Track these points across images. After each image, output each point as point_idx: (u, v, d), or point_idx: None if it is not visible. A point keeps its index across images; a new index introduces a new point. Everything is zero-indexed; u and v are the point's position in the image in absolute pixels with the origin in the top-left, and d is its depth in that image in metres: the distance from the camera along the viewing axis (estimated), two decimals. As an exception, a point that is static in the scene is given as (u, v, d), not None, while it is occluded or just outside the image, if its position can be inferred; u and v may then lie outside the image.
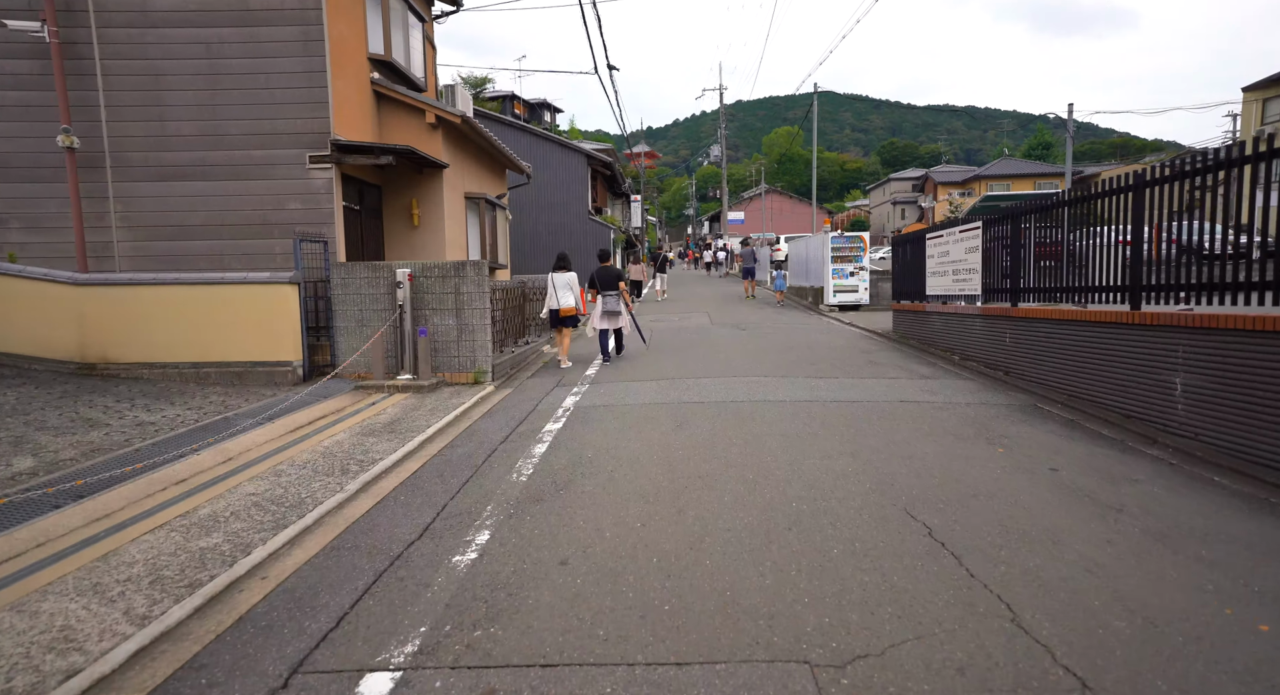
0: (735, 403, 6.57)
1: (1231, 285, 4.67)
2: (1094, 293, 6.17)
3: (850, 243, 17.13)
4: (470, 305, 8.18)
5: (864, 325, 13.52)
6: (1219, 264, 4.79)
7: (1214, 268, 4.87)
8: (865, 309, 17.00)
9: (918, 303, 10.61)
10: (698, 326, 13.98)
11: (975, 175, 54.63)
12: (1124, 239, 5.78)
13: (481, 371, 8.23)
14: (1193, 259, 5.12)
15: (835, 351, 9.99)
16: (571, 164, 25.85)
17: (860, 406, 6.30)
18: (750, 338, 11.79)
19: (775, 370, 8.38)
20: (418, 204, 9.65)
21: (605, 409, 6.56)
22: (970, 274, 8.54)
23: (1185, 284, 5.12)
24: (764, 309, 18.18)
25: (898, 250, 11.78)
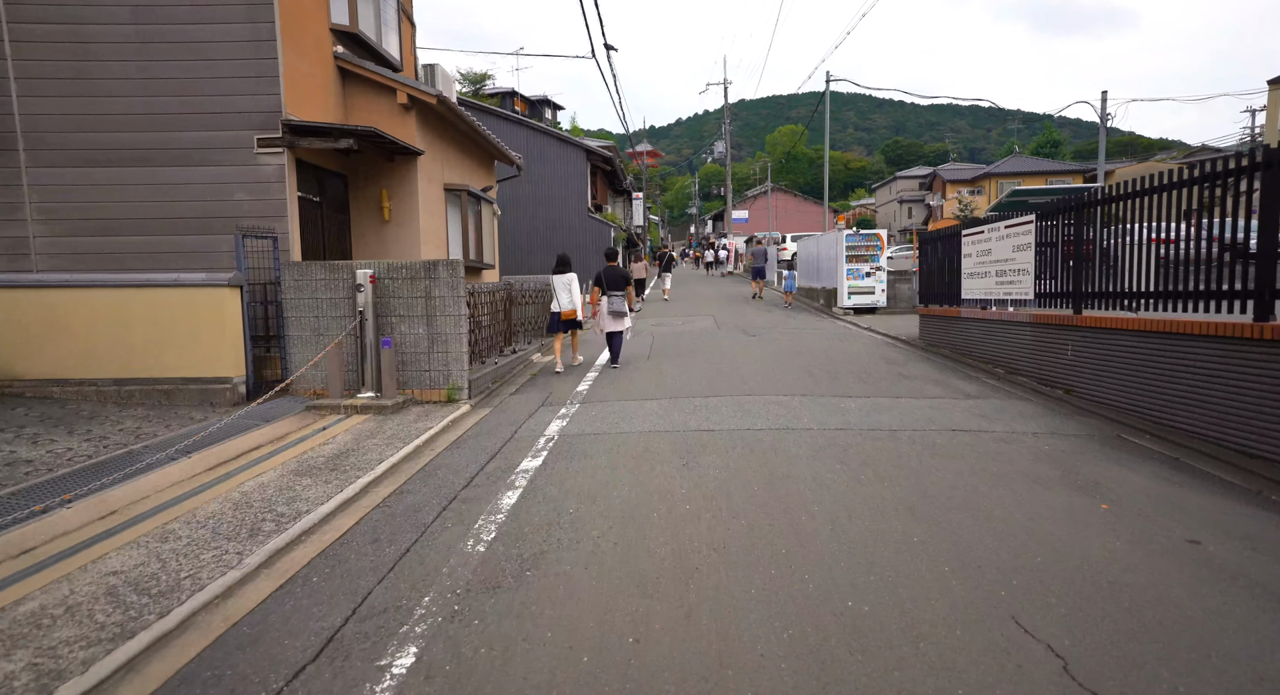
0: (752, 431, 5.47)
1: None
2: (1196, 299, 5.05)
3: (866, 241, 16.01)
4: (443, 311, 7.10)
5: (884, 330, 12.41)
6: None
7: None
8: (882, 312, 15.89)
9: (950, 307, 9.50)
10: (703, 331, 12.88)
11: (985, 173, 53.43)
12: (1239, 233, 4.67)
13: (456, 388, 7.14)
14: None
15: (858, 362, 8.88)
16: (570, 159, 24.77)
17: (904, 437, 5.19)
18: (761, 345, 10.68)
19: (794, 386, 7.28)
20: (388, 196, 8.56)
21: (596, 438, 5.46)
22: (1019, 275, 7.43)
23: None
24: (773, 311, 17.08)
25: (926, 249, 10.67)
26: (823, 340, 11.26)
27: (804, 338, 11.59)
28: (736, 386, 7.34)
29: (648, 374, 8.36)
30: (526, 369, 9.36)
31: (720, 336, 11.96)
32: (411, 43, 10.50)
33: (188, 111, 7.02)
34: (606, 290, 9.14)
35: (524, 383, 8.32)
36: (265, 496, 4.26)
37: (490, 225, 11.45)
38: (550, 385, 7.99)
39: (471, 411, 6.85)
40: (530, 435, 5.68)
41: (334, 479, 4.59)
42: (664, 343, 11.36)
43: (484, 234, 10.96)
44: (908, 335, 11.38)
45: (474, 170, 11.18)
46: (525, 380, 8.50)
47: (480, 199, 10.67)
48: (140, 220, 7.14)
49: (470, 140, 10.86)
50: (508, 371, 8.82)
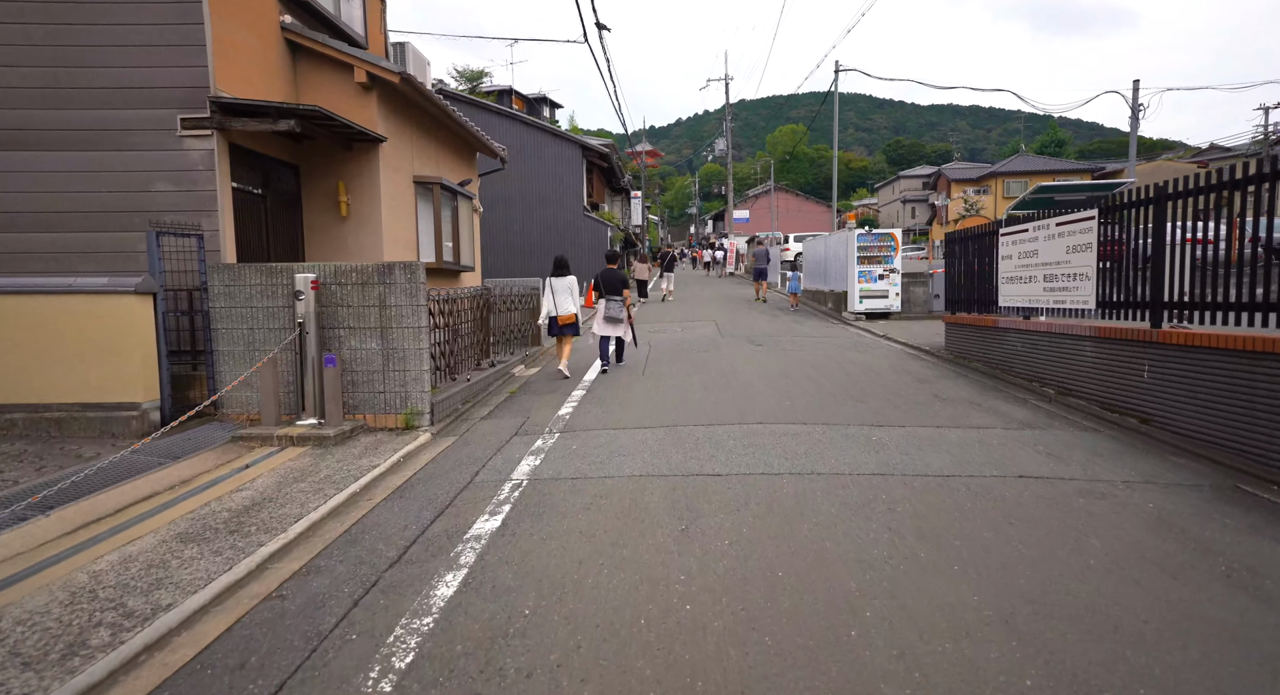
0: (768, 477, 4.39)
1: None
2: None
3: (879, 242, 14.94)
4: (400, 322, 6.02)
5: (902, 339, 11.33)
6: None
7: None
8: (896, 317, 14.82)
9: (984, 315, 8.42)
10: (705, 339, 11.80)
11: (991, 172, 52.42)
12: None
13: (415, 413, 6.06)
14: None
15: (882, 379, 7.80)
16: (565, 156, 23.71)
17: (961, 488, 4.11)
18: (769, 356, 9.61)
19: (812, 410, 6.20)
20: (345, 189, 7.49)
21: (573, 486, 4.38)
22: (1075, 280, 6.35)
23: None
24: (778, 316, 16.00)
25: (954, 249, 9.59)
26: (837, 350, 10.18)
27: (816, 347, 10.51)
28: (744, 410, 6.26)
29: (642, 393, 7.29)
30: (506, 385, 8.29)
31: (724, 346, 10.88)
32: (381, 19, 9.44)
33: (98, 86, 5.94)
34: (604, 294, 8.76)
35: (500, 403, 7.24)
36: (123, 579, 3.18)
37: (470, 223, 10.39)
38: (530, 407, 6.91)
39: (432, 442, 5.78)
40: (494, 479, 4.60)
41: (229, 548, 3.51)
42: (661, 353, 10.28)
43: (462, 233, 9.90)
44: (930, 345, 10.30)
45: (450, 162, 10.10)
46: (502, 399, 7.42)
47: (457, 194, 9.60)
48: (44, 214, 6.06)
49: (445, 129, 9.78)
50: (484, 389, 7.74)
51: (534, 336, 11.38)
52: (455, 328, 7.49)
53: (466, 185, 10.09)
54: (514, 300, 10.19)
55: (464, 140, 10.67)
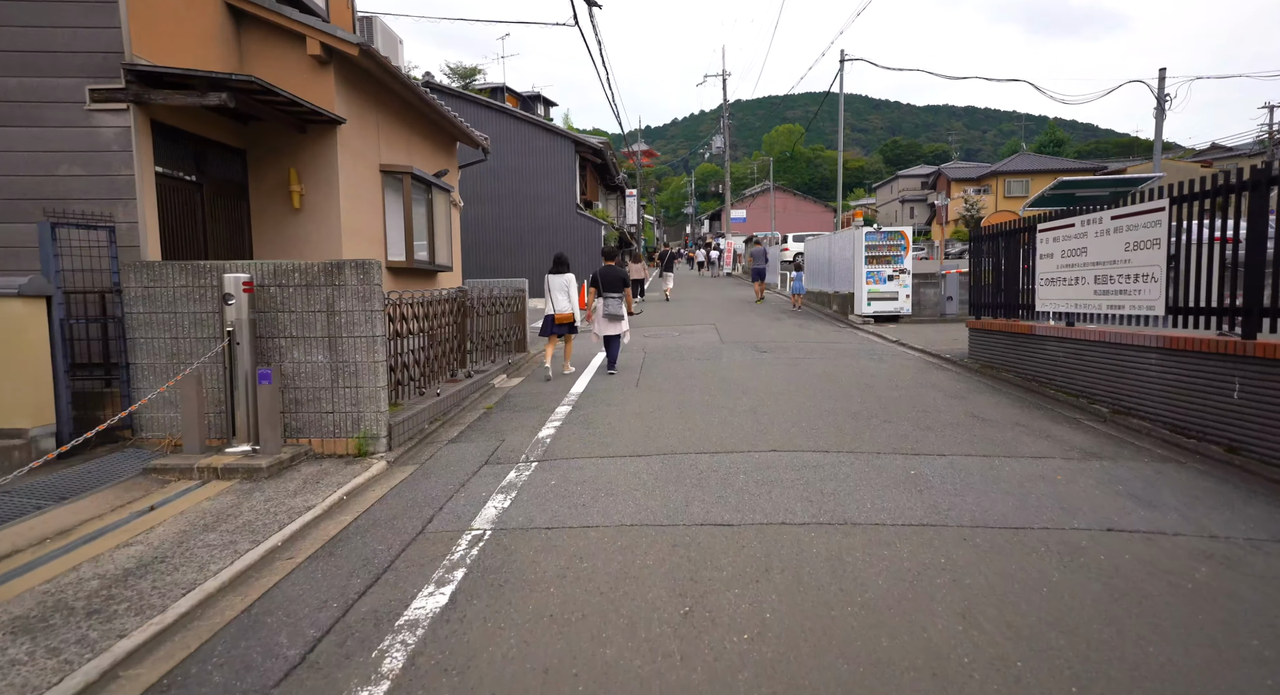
0: (790, 529, 3.50)
1: None
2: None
3: (888, 240, 14.08)
4: (351, 331, 5.12)
5: (918, 345, 10.47)
6: None
7: None
8: (906, 320, 13.96)
9: (1018, 320, 7.56)
10: (705, 345, 10.91)
11: (992, 171, 51.76)
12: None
13: (369, 436, 5.16)
14: None
15: (907, 393, 6.93)
16: (557, 151, 22.82)
17: (1038, 546, 3.23)
18: (777, 366, 8.72)
19: (834, 433, 5.32)
20: (298, 177, 6.57)
21: (548, 539, 3.49)
22: (1137, 282, 5.48)
23: None
24: (781, 319, 15.12)
25: (979, 248, 8.72)
26: (850, 358, 9.30)
27: (826, 355, 9.63)
28: (754, 433, 5.37)
29: (635, 410, 6.39)
30: (484, 398, 7.38)
31: (726, 353, 9.99)
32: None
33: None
34: (603, 292, 8.52)
35: (474, 421, 6.33)
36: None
37: (448, 219, 9.48)
38: (506, 427, 6.00)
39: (386, 472, 4.87)
40: (451, 528, 3.70)
41: (75, 642, 2.61)
42: (658, 361, 9.38)
43: (438, 229, 8.99)
44: (951, 352, 9.43)
45: (424, 151, 9.19)
46: (476, 417, 6.51)
47: (432, 186, 8.69)
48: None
49: (418, 114, 8.86)
50: (457, 404, 6.83)
51: (518, 342, 10.48)
52: (431, 334, 6.59)
53: (443, 176, 9.17)
54: (496, 303, 9.28)
55: (440, 128, 9.74)
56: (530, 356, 10.53)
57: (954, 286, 14.01)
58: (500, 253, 22.80)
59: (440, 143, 9.92)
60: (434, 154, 9.58)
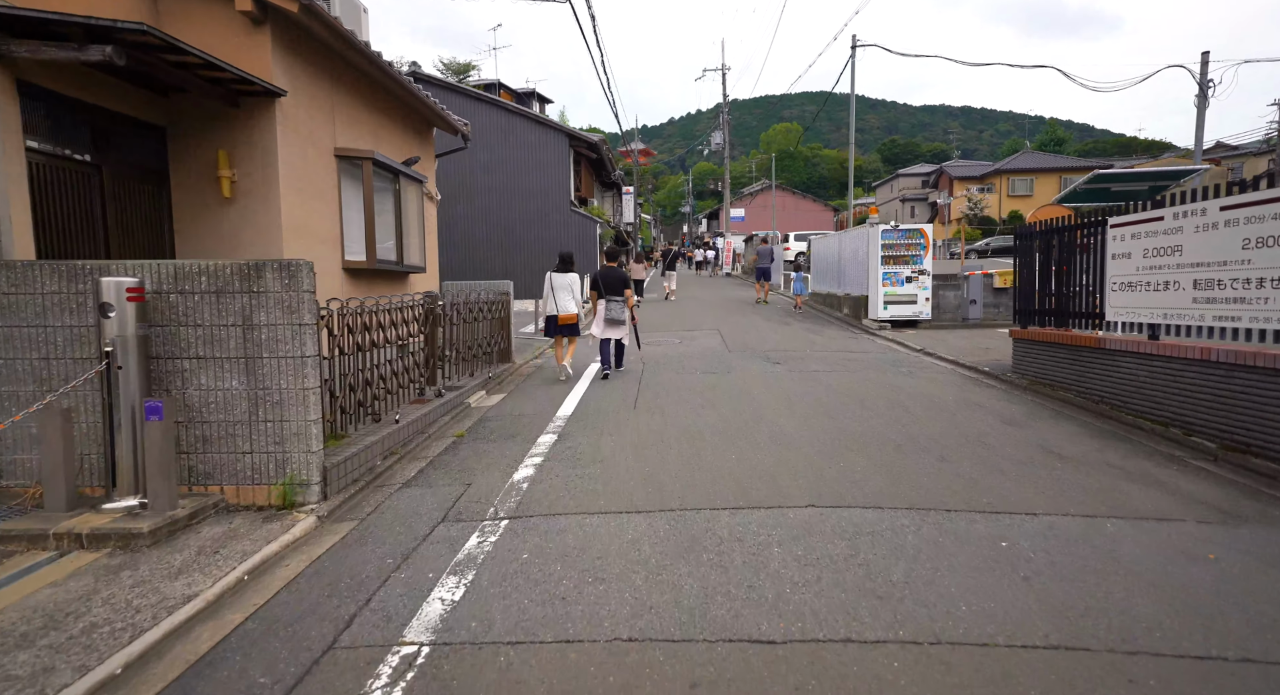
0: (862, 653, 2.39)
1: None
2: None
3: (907, 239, 13.02)
4: (275, 349, 4.03)
5: (946, 354, 9.39)
6: None
7: None
8: (925, 326, 12.89)
9: (1079, 331, 6.49)
10: (710, 355, 9.82)
11: (996, 169, 50.84)
12: None
13: (296, 483, 4.06)
14: None
15: (955, 418, 5.85)
16: (550, 145, 21.71)
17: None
18: (796, 381, 7.64)
19: (884, 478, 4.23)
20: (229, 160, 5.46)
21: (508, 668, 2.38)
22: (1262, 288, 4.41)
23: None
24: (789, 323, 14.04)
25: (1027, 246, 7.65)
26: (874, 371, 8.22)
27: (848, 367, 8.54)
28: (783, 478, 4.28)
29: (634, 442, 5.29)
30: (457, 421, 6.28)
31: (735, 364, 8.90)
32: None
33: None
34: (605, 294, 8.26)
35: (439, 454, 5.24)
36: None
37: (420, 213, 8.35)
38: (476, 464, 4.90)
39: (314, 533, 3.77)
40: (374, 640, 2.60)
41: None
42: (659, 373, 8.29)
43: (409, 225, 7.88)
44: (989, 364, 8.37)
45: (392, 135, 8.06)
46: (444, 448, 5.42)
47: (401, 175, 7.58)
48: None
49: (384, 92, 7.74)
50: (422, 430, 5.72)
51: (502, 352, 9.38)
52: (398, 347, 5.49)
53: (414, 164, 8.05)
54: (477, 309, 8.18)
55: (413, 110, 8.62)
56: (516, 367, 9.44)
57: (978, 289, 12.97)
58: (490, 252, 21.70)
59: (412, 127, 8.80)
60: (404, 140, 8.46)
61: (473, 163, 21.54)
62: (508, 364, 9.38)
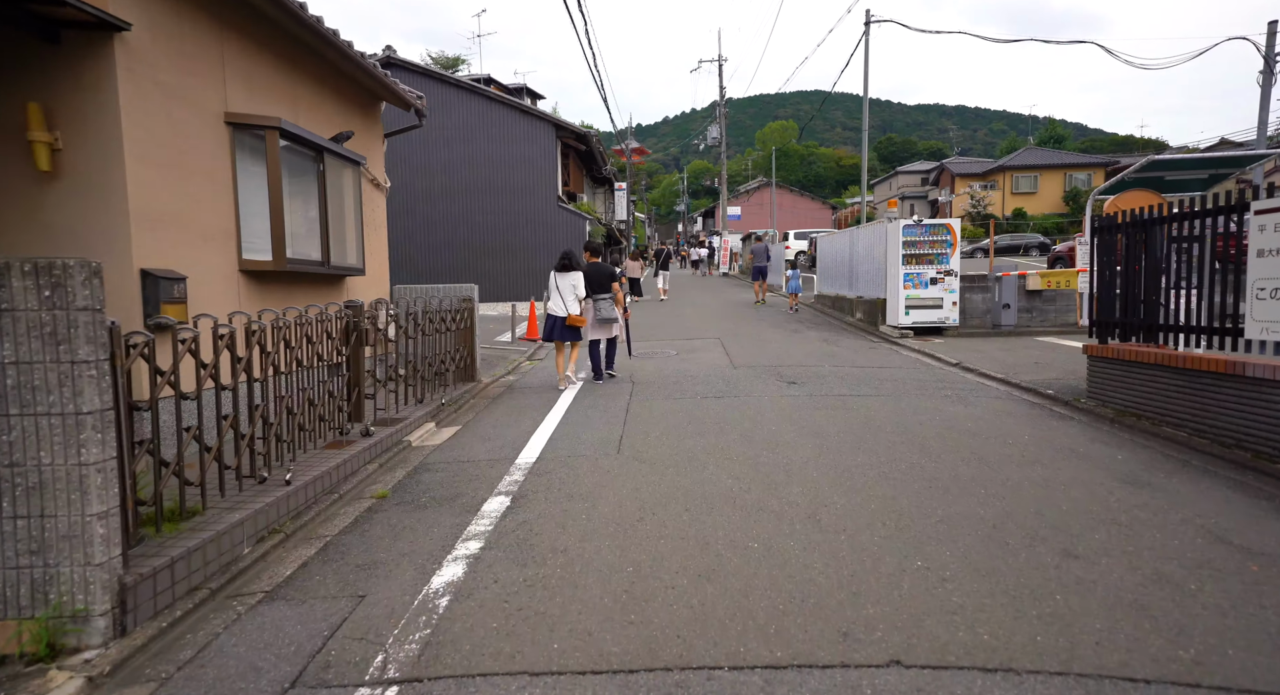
0: None
1: None
2: None
3: (931, 235, 11.54)
4: (29, 403, 2.50)
5: (992, 371, 7.89)
6: None
7: None
8: (951, 332, 11.42)
9: (1202, 351, 5.01)
10: (712, 372, 8.30)
11: (999, 166, 49.55)
12: None
13: (69, 616, 2.52)
14: None
15: (1052, 476, 4.33)
16: (535, 136, 20.16)
17: None
18: (822, 411, 6.13)
19: (991, 600, 2.71)
20: (44, 119, 3.91)
21: None
22: None
23: None
24: (799, 331, 12.52)
25: (1107, 242, 6.15)
26: (916, 395, 6.71)
27: (881, 389, 7.03)
28: (840, 603, 2.75)
29: (613, 517, 3.75)
30: (384, 472, 4.75)
31: (743, 386, 7.38)
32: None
33: None
34: (591, 293, 7.89)
35: (338, 534, 3.70)
36: None
37: (356, 201, 6.78)
38: (382, 557, 3.36)
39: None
40: None
41: None
42: (651, 401, 6.76)
43: (341, 216, 6.34)
44: (1052, 384, 6.88)
45: (316, 104, 6.48)
46: (350, 520, 3.88)
47: (326, 153, 6.02)
48: None
49: (305, 50, 6.14)
50: (327, 491, 4.18)
51: (464, 369, 7.86)
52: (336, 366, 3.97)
53: (346, 141, 6.48)
54: (432, 319, 6.65)
55: (348, 77, 7.03)
56: (481, 387, 7.91)
57: (1012, 292, 11.50)
58: (470, 252, 20.15)
59: (349, 98, 7.24)
60: (336, 111, 6.89)
61: (451, 156, 20.00)
62: (471, 384, 7.85)
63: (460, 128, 19.96)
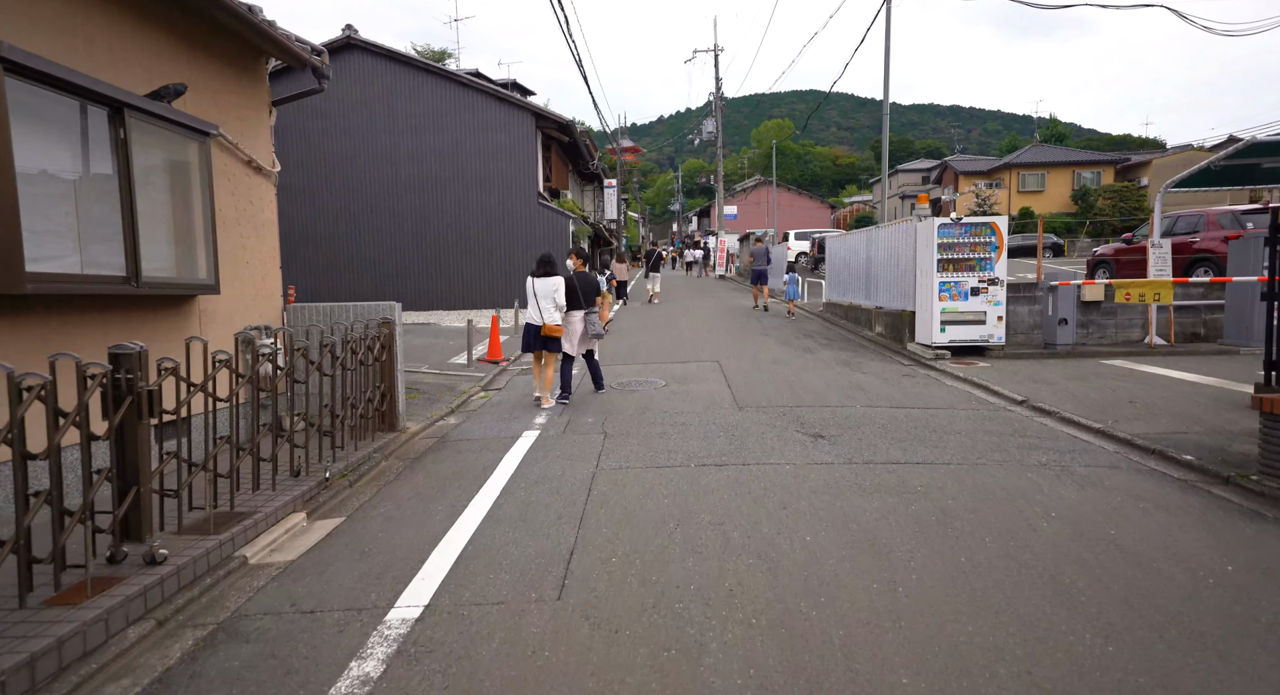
0: None
1: None
2: None
3: (972, 236, 9.61)
4: None
5: (1085, 416, 5.93)
6: None
7: None
8: (996, 353, 9.49)
9: None
10: (708, 414, 6.32)
11: (1005, 163, 47.83)
12: None
13: None
14: None
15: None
16: (512, 125, 18.15)
17: None
18: (868, 494, 4.16)
19: None
20: None
21: None
22: None
23: None
24: (812, 349, 10.54)
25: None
26: (1003, 467, 4.74)
27: (946, 453, 5.06)
28: None
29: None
30: (160, 639, 2.73)
31: (751, 442, 5.40)
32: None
33: None
34: (582, 304, 7.12)
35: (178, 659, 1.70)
36: None
37: (203, 189, 4.73)
38: None
39: None
40: None
41: None
42: (623, 472, 4.77)
43: (173, 211, 4.35)
44: (1187, 443, 4.95)
45: (134, 45, 4.47)
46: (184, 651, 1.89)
47: (131, 113, 4.02)
48: None
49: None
50: None
51: (386, 414, 5.90)
52: None
53: (174, 98, 4.44)
54: (339, 352, 4.67)
55: (202, 14, 5.03)
56: (405, 439, 5.93)
57: (1069, 304, 9.57)
58: (441, 253, 18.16)
59: (211, 49, 5.23)
60: (188, 65, 4.89)
61: (416, 147, 17.98)
62: (390, 435, 5.88)
63: (429, 115, 17.97)
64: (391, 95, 18.04)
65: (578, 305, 7.09)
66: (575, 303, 7.07)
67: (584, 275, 7.30)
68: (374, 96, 18.07)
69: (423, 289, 18.08)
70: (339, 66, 18.70)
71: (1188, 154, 44.60)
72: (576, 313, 7.12)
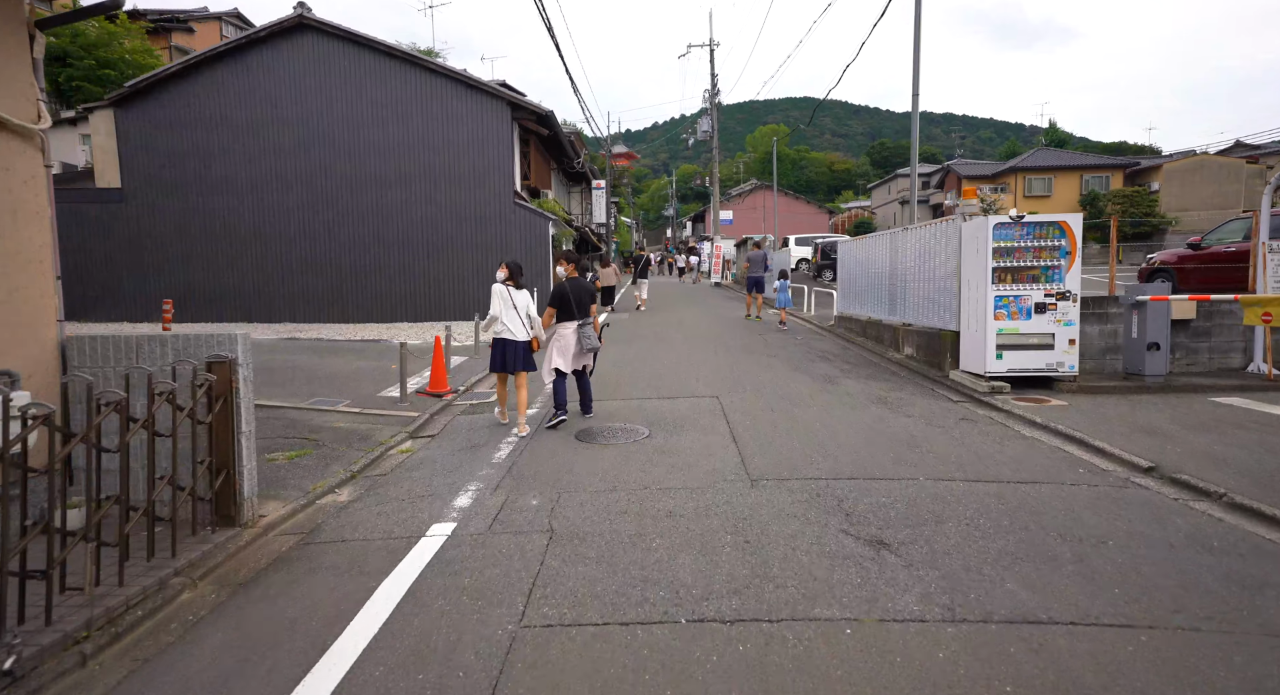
0: None
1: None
2: None
3: (1035, 239, 7.64)
4: None
5: (1267, 505, 3.97)
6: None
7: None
8: (1066, 386, 7.52)
9: None
10: (709, 499, 4.26)
11: (1010, 167, 46.15)
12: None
13: None
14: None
15: None
16: (485, 116, 16.12)
17: None
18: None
19: None
20: None
21: None
22: None
23: None
24: (836, 379, 8.48)
25: None
26: (1218, 631, 2.74)
27: (1102, 594, 3.02)
28: None
29: None
30: None
31: (776, 569, 3.31)
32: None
33: None
34: (576, 316, 6.31)
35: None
36: None
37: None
38: None
39: None
40: None
41: None
42: (555, 641, 2.66)
43: None
44: None
45: None
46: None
47: None
48: None
49: None
50: None
51: (220, 498, 3.85)
52: None
53: None
54: (123, 412, 2.65)
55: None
56: (252, 533, 3.86)
57: (1160, 325, 7.60)
58: (403, 251, 16.13)
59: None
60: None
61: (383, 141, 15.98)
62: (225, 533, 3.82)
63: (393, 103, 15.97)
64: (350, 81, 16.06)
65: (571, 316, 6.33)
66: (568, 313, 6.33)
67: (577, 282, 6.49)
68: (331, 82, 16.10)
69: (382, 292, 16.14)
70: (291, 49, 16.67)
71: (1198, 158, 43.02)
72: (570, 324, 6.33)
